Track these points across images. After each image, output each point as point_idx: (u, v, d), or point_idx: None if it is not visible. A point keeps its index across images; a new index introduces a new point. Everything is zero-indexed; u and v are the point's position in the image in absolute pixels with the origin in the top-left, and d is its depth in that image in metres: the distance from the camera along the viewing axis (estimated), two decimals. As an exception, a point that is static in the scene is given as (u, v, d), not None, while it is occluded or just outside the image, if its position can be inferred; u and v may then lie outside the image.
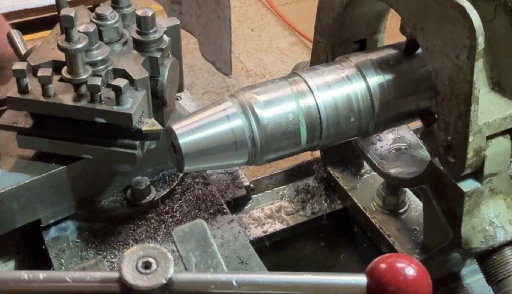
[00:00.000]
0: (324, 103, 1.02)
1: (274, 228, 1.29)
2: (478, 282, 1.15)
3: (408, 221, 1.23)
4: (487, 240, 1.01)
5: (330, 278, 0.69)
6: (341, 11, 1.12)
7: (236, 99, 0.99)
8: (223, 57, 2.23)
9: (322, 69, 1.06)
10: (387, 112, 1.07)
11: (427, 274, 0.67)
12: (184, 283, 0.67)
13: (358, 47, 1.19)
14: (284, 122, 0.99)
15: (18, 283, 0.66)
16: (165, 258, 0.66)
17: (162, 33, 1.07)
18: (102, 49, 1.03)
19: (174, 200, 1.18)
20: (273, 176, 1.36)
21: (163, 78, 1.07)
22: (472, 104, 0.92)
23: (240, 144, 0.97)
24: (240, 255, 1.11)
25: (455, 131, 0.96)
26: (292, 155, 1.04)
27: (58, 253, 1.11)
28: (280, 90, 1.01)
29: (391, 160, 1.20)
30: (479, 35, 0.89)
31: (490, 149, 0.97)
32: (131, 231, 1.13)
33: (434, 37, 0.95)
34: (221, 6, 2.10)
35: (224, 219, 1.17)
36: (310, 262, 1.30)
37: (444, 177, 1.00)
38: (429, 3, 0.94)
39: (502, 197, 1.02)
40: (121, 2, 1.11)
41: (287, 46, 3.21)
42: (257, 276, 0.70)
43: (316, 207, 1.33)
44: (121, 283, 0.65)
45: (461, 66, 0.92)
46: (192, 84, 2.92)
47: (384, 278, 0.66)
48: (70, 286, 0.67)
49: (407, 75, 1.08)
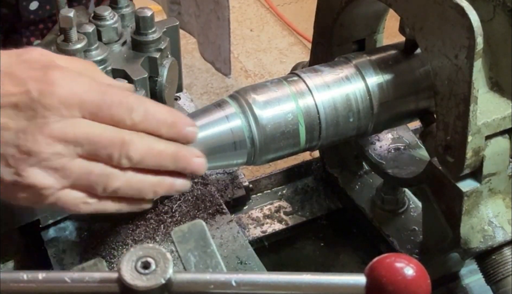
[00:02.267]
0: (323, 104, 1.02)
1: (273, 228, 1.29)
2: (477, 282, 1.15)
3: (407, 221, 1.23)
4: (486, 240, 1.01)
5: (329, 278, 0.69)
6: (340, 11, 1.12)
7: (235, 100, 0.99)
8: (222, 57, 2.23)
9: (321, 69, 1.06)
10: (386, 112, 1.07)
11: (426, 274, 0.68)
12: (183, 283, 0.67)
13: (357, 47, 1.19)
14: (283, 123, 0.99)
15: (17, 283, 0.66)
16: (164, 258, 0.67)
17: (161, 34, 1.07)
18: (101, 49, 1.03)
19: (173, 200, 1.18)
20: (272, 176, 1.36)
21: (162, 78, 1.07)
22: (471, 104, 0.92)
23: (239, 145, 0.97)
24: (239, 255, 1.11)
25: (454, 131, 0.96)
26: (291, 155, 1.04)
27: (57, 253, 1.11)
28: (279, 90, 1.01)
29: (390, 159, 1.20)
30: (478, 35, 0.89)
31: (489, 149, 0.97)
32: (130, 231, 1.13)
33: (433, 37, 0.95)
34: (220, 7, 2.10)
35: (223, 219, 1.17)
36: (309, 262, 1.30)
37: (443, 176, 1.00)
38: (428, 3, 0.94)
39: (501, 197, 1.02)
40: (120, 2, 1.11)
41: (286, 46, 3.21)
42: (256, 276, 0.70)
43: (315, 207, 1.33)
44: (120, 283, 0.65)
45: (460, 66, 0.92)
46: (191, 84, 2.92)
47: (383, 278, 0.66)
48: (69, 286, 0.67)
49: (406, 75, 1.08)
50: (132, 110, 0.83)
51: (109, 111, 0.82)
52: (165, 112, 0.87)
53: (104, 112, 0.82)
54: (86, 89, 0.81)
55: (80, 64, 0.88)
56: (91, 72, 0.88)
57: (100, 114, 0.82)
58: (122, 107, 0.82)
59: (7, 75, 0.79)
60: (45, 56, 0.83)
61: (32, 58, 0.82)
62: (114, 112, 0.82)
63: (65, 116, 0.79)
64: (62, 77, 0.80)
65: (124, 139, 0.82)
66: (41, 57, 0.83)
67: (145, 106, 0.85)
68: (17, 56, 0.82)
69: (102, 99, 0.82)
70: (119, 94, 0.84)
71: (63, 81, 0.80)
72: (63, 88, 0.79)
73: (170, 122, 0.87)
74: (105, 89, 0.83)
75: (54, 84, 0.79)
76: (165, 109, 0.88)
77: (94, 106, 0.81)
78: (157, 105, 0.88)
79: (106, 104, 0.82)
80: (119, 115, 0.83)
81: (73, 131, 0.80)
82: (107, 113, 0.82)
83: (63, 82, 0.79)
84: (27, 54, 0.82)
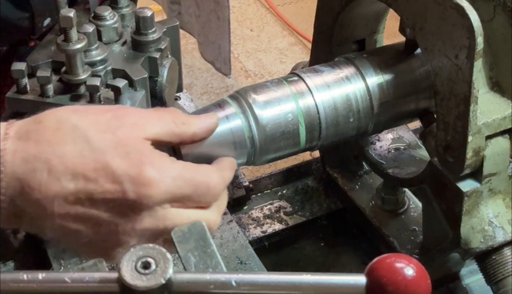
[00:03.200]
0: (323, 104, 1.02)
1: (273, 228, 1.29)
2: (477, 282, 1.15)
3: (408, 221, 1.23)
4: (486, 240, 1.01)
5: (329, 278, 0.69)
6: (340, 11, 1.12)
7: (235, 100, 0.99)
8: (222, 57, 2.23)
9: (321, 69, 1.06)
10: (386, 112, 1.07)
11: (427, 274, 0.67)
12: (183, 283, 0.67)
13: (357, 47, 1.19)
14: (283, 123, 0.99)
15: (17, 283, 0.66)
16: (164, 258, 0.66)
17: (161, 34, 1.07)
18: (101, 49, 1.03)
19: (173, 200, 1.17)
20: (272, 176, 1.36)
21: (162, 78, 1.07)
22: (471, 104, 0.92)
23: (239, 145, 0.97)
24: (239, 255, 1.11)
25: (454, 131, 0.96)
26: (291, 155, 1.04)
27: (57, 254, 1.11)
28: (279, 90, 1.01)
29: (390, 159, 1.20)
30: (478, 35, 0.89)
31: (489, 149, 0.97)
32: (130, 231, 1.13)
33: (433, 37, 0.95)
34: (220, 6, 2.10)
35: (223, 219, 1.17)
36: (309, 262, 1.30)
37: (443, 176, 1.00)
38: (428, 3, 0.94)
39: (501, 197, 1.02)
40: (120, 2, 1.11)
41: (286, 46, 3.21)
42: (256, 276, 0.70)
43: (315, 207, 1.33)
44: (120, 283, 0.65)
45: (460, 66, 0.92)
46: (191, 84, 2.91)
47: (383, 278, 0.66)
48: (69, 286, 0.67)
49: (406, 75, 1.08)
50: (216, 198, 0.85)
51: (198, 199, 0.83)
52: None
53: (193, 201, 0.83)
54: (178, 184, 0.81)
55: (160, 126, 0.85)
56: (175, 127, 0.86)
57: (188, 203, 0.83)
58: (209, 196, 0.84)
59: (101, 168, 0.76)
60: (137, 134, 0.80)
61: (123, 139, 0.79)
62: (202, 200, 0.83)
63: (157, 211, 0.80)
64: (157, 177, 0.78)
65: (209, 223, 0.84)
66: (132, 137, 0.80)
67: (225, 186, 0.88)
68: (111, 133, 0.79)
69: (193, 191, 0.82)
70: (206, 180, 0.84)
71: (158, 182, 0.78)
72: (159, 190, 0.78)
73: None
74: (194, 178, 0.82)
75: (151, 186, 0.77)
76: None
77: (185, 197, 0.82)
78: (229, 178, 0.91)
79: (196, 195, 0.82)
80: (206, 203, 0.84)
81: (163, 224, 0.80)
82: (196, 201, 0.83)
83: (158, 184, 0.78)
84: (117, 131, 0.79)
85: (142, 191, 0.77)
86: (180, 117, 0.86)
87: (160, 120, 0.83)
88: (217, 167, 0.89)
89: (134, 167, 0.77)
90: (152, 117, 0.83)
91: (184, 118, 0.87)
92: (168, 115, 0.85)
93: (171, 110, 0.88)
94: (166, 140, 0.84)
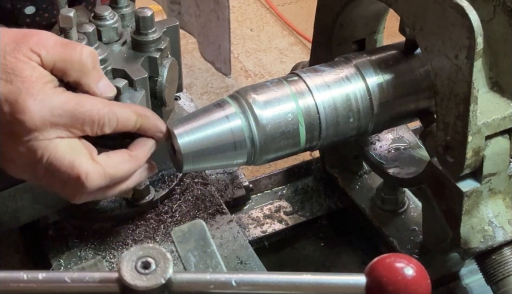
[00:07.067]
0: (323, 104, 1.02)
1: (273, 228, 1.29)
2: (477, 282, 1.15)
3: (407, 221, 1.23)
4: (486, 240, 1.01)
5: (329, 278, 0.69)
6: (340, 11, 1.12)
7: (235, 100, 0.99)
8: (222, 57, 2.23)
9: (321, 69, 1.06)
10: (386, 112, 1.07)
11: (426, 274, 0.68)
12: (183, 283, 0.67)
13: (357, 47, 1.19)
14: (283, 123, 0.99)
15: (17, 283, 0.66)
16: (164, 258, 0.67)
17: (161, 34, 1.07)
18: (101, 49, 1.03)
19: (173, 200, 1.18)
20: (272, 176, 1.36)
21: (162, 78, 1.07)
22: (471, 104, 0.92)
23: (239, 145, 0.97)
24: (239, 255, 1.11)
25: (454, 131, 0.96)
26: (291, 155, 1.04)
27: (57, 253, 1.11)
28: (279, 90, 1.01)
29: (390, 159, 1.20)
30: (478, 35, 0.89)
31: (489, 149, 0.97)
32: (130, 231, 1.13)
33: (433, 37, 0.95)
34: (220, 6, 2.10)
35: (223, 219, 1.17)
36: (309, 262, 1.30)
37: (443, 177, 1.00)
38: (428, 3, 0.94)
39: (501, 197, 1.02)
40: (120, 2, 1.11)
41: (286, 46, 3.21)
42: (256, 276, 0.70)
43: (315, 207, 1.33)
44: (120, 283, 0.65)
45: (460, 66, 0.92)
46: (191, 84, 2.92)
47: (383, 278, 0.66)
48: (69, 286, 0.67)
49: (406, 75, 1.08)
50: (103, 126, 0.91)
51: (82, 128, 0.89)
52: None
53: (78, 129, 0.89)
54: (56, 113, 0.87)
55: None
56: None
57: (75, 132, 0.89)
58: (95, 124, 0.90)
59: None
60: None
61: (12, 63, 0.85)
62: (87, 130, 0.90)
63: (36, 139, 0.86)
64: (31, 105, 0.84)
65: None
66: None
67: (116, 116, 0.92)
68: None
69: (74, 121, 0.88)
70: (89, 110, 0.89)
71: (32, 110, 0.85)
72: (32, 118, 0.85)
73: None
74: (75, 109, 0.88)
75: (24, 113, 0.84)
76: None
77: (68, 126, 0.88)
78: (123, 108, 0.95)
79: (78, 124, 0.88)
80: (92, 133, 0.90)
81: (41, 153, 0.86)
82: (80, 129, 0.89)
83: (32, 112, 0.84)
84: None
85: (16, 116, 0.84)
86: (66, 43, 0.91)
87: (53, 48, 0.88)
88: (107, 102, 0.94)
89: (13, 93, 0.84)
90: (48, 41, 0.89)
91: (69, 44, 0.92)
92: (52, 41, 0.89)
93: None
94: (59, 67, 0.89)
